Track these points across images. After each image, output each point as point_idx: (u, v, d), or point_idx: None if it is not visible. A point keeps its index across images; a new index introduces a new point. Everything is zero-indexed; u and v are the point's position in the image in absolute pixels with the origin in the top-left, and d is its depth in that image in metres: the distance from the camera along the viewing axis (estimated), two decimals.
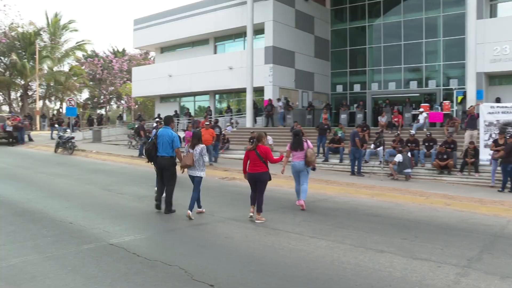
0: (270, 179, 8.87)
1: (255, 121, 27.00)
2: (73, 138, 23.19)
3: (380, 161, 16.28)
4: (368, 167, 16.86)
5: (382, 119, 21.84)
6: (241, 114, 29.56)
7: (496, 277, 5.73)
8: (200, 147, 8.87)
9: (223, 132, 21.66)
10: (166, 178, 9.15)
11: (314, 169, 11.39)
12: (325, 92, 31.58)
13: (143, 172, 16.25)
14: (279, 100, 26.54)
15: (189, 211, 8.68)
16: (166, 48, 36.99)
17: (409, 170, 15.22)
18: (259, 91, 27.86)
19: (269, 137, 20.07)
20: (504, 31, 20.84)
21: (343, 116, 25.69)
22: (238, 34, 31.20)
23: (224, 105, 33.07)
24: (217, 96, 33.97)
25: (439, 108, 23.11)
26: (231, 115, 29.49)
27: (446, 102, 23.02)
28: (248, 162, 8.83)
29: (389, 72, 29.18)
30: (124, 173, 16.05)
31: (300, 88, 29.23)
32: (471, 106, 17.86)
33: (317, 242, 7.19)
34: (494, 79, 23.07)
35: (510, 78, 22.73)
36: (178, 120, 30.58)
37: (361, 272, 5.75)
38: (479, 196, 12.20)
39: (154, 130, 13.95)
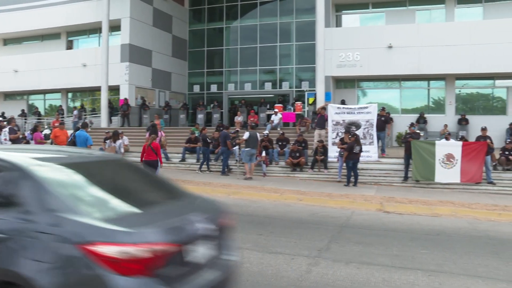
0: (158, 164, 12.40)
1: (110, 121, 25.90)
2: None
3: (237, 160, 16.58)
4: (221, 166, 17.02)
5: (238, 119, 22.32)
6: (96, 114, 28.21)
7: (342, 264, 6.19)
8: (119, 142, 12.84)
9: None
10: None
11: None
12: (182, 92, 31.39)
13: None
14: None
15: None
16: (10, 40, 33.77)
17: (254, 150, 15.52)
18: (115, 90, 26.81)
19: (125, 137, 19.39)
20: (348, 40, 22.58)
21: (200, 116, 25.84)
22: (92, 29, 29.69)
23: (78, 104, 31.15)
24: (70, 95, 31.93)
25: (292, 108, 24.23)
26: (85, 115, 27.96)
27: (298, 103, 24.24)
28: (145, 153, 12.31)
29: (245, 73, 29.92)
30: None
31: (157, 88, 28.69)
32: (320, 106, 18.98)
33: None
34: (340, 82, 24.86)
35: (353, 82, 24.70)
36: (25, 120, 28.26)
37: None
38: (328, 190, 13.02)
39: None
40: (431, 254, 6.83)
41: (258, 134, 15.76)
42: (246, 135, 15.56)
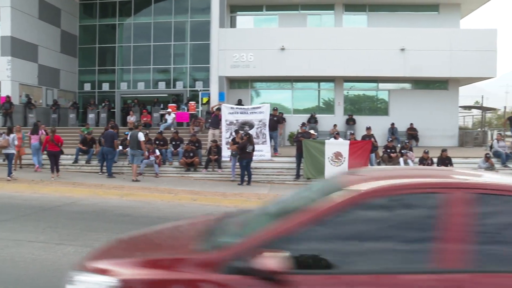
0: (62, 153, 15.23)
1: None
2: None
3: (129, 161, 16.12)
4: (117, 167, 16.50)
5: (131, 119, 21.75)
6: None
7: None
8: (12, 135, 13.82)
9: None
10: None
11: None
12: (72, 90, 29.92)
13: None
14: None
15: (8, 177, 13.52)
16: None
17: (133, 151, 15.02)
18: None
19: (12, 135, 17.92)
20: (242, 41, 22.89)
21: (91, 116, 24.87)
22: None
23: None
24: None
25: (186, 108, 24.09)
26: None
27: (192, 103, 24.15)
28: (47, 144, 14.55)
29: (138, 72, 29.19)
30: None
31: (44, 85, 27.04)
32: (213, 106, 19.08)
33: (64, 248, 6.77)
34: (234, 82, 25.13)
35: (247, 83, 25.10)
36: None
37: None
38: (222, 190, 13.14)
39: None
40: None
41: (140, 134, 14.83)
42: (129, 136, 15.26)
